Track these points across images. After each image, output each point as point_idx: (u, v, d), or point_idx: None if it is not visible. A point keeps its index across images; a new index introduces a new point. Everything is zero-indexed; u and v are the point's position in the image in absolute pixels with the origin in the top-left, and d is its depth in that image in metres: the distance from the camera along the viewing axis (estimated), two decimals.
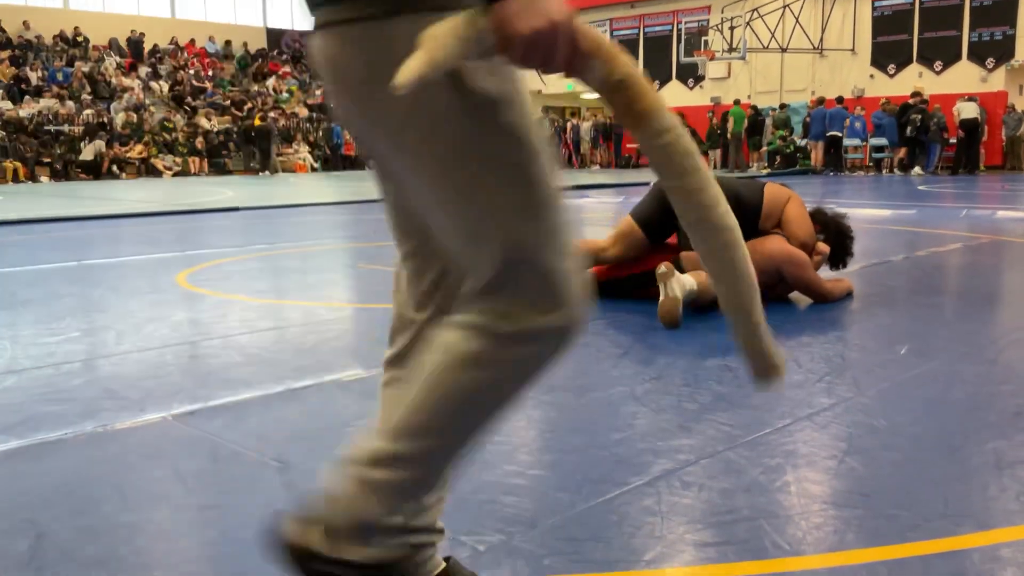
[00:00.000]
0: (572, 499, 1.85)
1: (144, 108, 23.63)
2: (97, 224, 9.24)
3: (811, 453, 2.12)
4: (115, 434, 2.33)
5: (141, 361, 3.12)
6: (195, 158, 23.09)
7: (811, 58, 22.21)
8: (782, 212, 4.04)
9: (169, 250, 6.68)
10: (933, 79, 20.25)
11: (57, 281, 5.07)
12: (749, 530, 1.70)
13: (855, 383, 2.72)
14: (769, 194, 4.05)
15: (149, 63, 26.97)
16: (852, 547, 1.63)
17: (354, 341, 3.49)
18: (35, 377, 2.90)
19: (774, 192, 4.08)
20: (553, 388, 2.72)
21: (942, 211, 9.29)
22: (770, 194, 4.06)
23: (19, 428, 2.37)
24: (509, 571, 1.55)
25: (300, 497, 1.20)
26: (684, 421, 2.37)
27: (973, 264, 5.27)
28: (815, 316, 3.81)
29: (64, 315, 4.00)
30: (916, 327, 3.59)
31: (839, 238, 4.23)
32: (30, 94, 22.60)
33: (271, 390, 2.71)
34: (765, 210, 4.01)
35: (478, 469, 2.03)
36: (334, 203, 12.13)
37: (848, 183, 15.39)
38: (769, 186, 4.14)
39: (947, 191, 12.60)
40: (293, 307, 4.17)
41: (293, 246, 6.91)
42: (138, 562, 1.61)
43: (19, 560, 1.62)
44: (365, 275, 5.33)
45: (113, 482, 1.99)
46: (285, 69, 30.33)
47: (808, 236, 4.03)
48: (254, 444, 2.22)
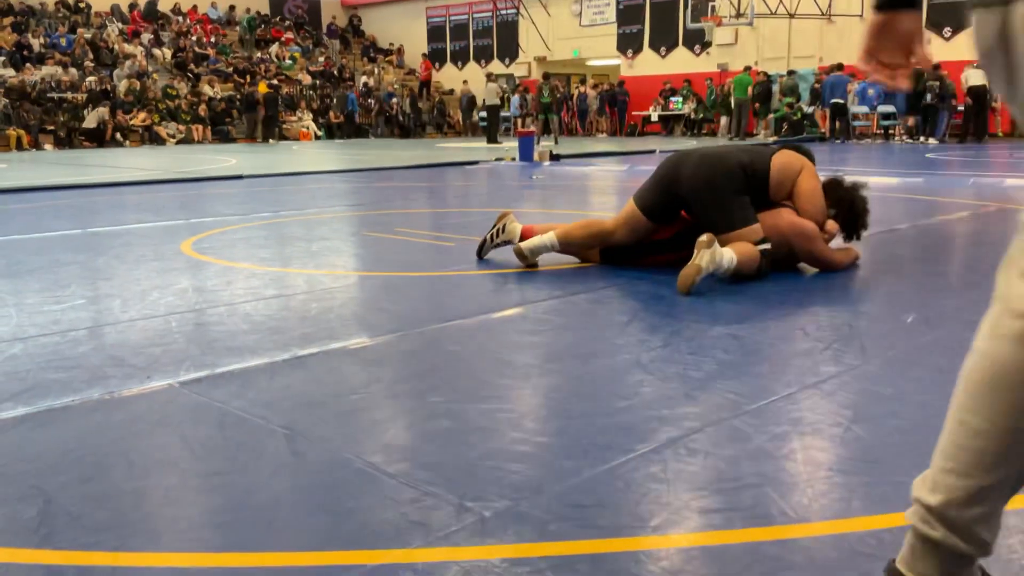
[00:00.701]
0: (578, 466, 1.86)
1: (147, 75, 23.51)
2: (101, 192, 9.23)
3: (817, 420, 2.12)
4: (122, 401, 2.34)
5: (147, 329, 3.12)
6: (198, 126, 23.01)
7: (819, 24, 21.98)
8: (793, 184, 3.94)
9: (174, 218, 6.67)
10: (942, 45, 20.04)
11: (62, 249, 5.07)
12: (755, 497, 1.70)
13: (862, 351, 2.71)
14: (778, 164, 3.93)
15: (151, 30, 26.78)
16: (858, 514, 1.63)
17: (359, 309, 3.49)
18: (41, 345, 2.91)
19: (784, 162, 3.95)
20: (559, 356, 2.72)
21: (949, 179, 9.23)
22: (779, 164, 3.93)
23: (26, 395, 2.37)
24: (515, 537, 1.55)
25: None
26: (690, 389, 2.37)
27: (980, 232, 5.24)
28: (822, 285, 3.79)
29: (69, 283, 4.00)
30: (923, 295, 3.58)
31: (852, 214, 4.10)
32: (32, 61, 22.48)
33: (277, 357, 2.72)
34: (774, 180, 3.90)
35: (484, 436, 2.04)
36: (338, 171, 12.09)
37: (855, 151, 15.29)
38: (779, 155, 3.99)
39: (954, 159, 12.52)
40: (298, 275, 4.16)
41: (297, 214, 6.90)
42: (146, 528, 1.62)
43: (28, 526, 1.63)
44: (370, 242, 5.32)
45: (120, 449, 2.00)
46: (288, 36, 30.12)
47: (818, 213, 3.95)
48: (260, 411, 2.23)
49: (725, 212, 3.79)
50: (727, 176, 3.83)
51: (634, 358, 2.67)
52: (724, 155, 3.94)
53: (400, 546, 1.53)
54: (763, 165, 3.92)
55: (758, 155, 4.00)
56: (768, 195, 3.93)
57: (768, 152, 4.05)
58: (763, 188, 3.91)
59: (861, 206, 4.12)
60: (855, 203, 4.11)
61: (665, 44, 25.45)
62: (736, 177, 3.83)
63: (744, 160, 3.90)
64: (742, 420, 2.12)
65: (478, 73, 28.49)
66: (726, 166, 3.85)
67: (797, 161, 4.00)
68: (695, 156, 3.95)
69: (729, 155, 3.93)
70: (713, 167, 3.85)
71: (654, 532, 1.57)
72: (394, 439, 2.06)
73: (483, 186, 9.74)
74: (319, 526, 1.61)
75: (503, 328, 3.10)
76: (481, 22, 29.99)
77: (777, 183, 3.93)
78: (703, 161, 3.90)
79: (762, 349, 2.77)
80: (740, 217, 3.79)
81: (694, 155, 3.96)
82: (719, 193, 3.81)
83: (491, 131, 20.05)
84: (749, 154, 3.99)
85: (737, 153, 3.97)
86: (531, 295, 3.60)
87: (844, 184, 4.17)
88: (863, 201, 4.13)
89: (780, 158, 3.98)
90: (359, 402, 2.31)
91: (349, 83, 28.11)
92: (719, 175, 3.83)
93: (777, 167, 3.93)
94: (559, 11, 27.53)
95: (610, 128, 25.48)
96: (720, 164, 3.86)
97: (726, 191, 3.81)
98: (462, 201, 8.22)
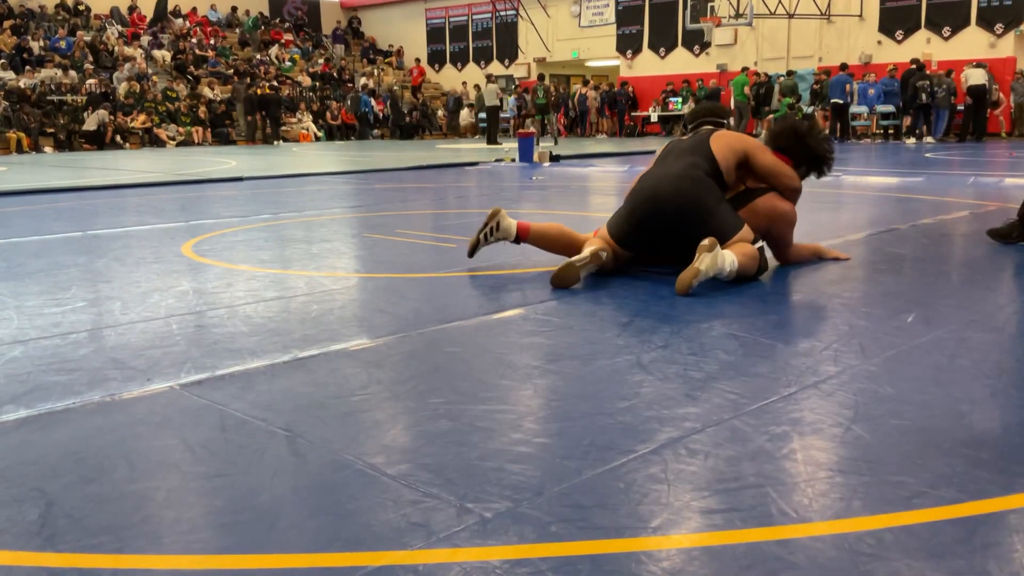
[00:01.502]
0: (578, 466, 1.86)
1: (147, 77, 23.52)
2: (101, 194, 9.23)
3: (817, 420, 2.12)
4: (122, 403, 2.34)
5: (147, 331, 3.13)
6: (198, 128, 23.01)
7: (818, 24, 22.00)
8: (747, 162, 3.98)
9: (174, 220, 6.67)
10: (941, 45, 20.07)
11: (62, 251, 5.07)
12: (755, 497, 1.70)
13: (862, 351, 2.72)
14: (720, 154, 3.91)
15: (151, 32, 26.79)
16: (858, 514, 1.63)
17: (360, 310, 3.50)
18: (42, 347, 2.91)
19: (723, 147, 3.93)
20: (559, 356, 2.72)
21: (949, 178, 9.23)
22: (720, 154, 3.91)
23: (27, 398, 2.38)
24: (516, 538, 1.55)
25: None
26: (690, 389, 2.37)
27: (980, 232, 5.24)
28: (822, 284, 3.80)
29: (70, 285, 4.00)
30: (923, 295, 3.58)
31: (819, 160, 4.16)
32: (32, 64, 22.48)
33: (278, 359, 2.72)
34: (724, 169, 3.91)
35: (484, 437, 2.04)
36: (338, 173, 12.09)
37: (855, 151, 15.29)
38: (714, 142, 3.95)
39: (954, 158, 12.52)
40: (299, 277, 4.17)
41: (298, 216, 6.90)
42: (147, 530, 1.63)
43: (29, 528, 1.63)
44: (371, 244, 5.32)
45: (121, 451, 2.00)
46: (287, 37, 30.13)
47: (793, 179, 4.07)
48: (261, 413, 2.23)
49: (718, 223, 3.78)
50: (706, 189, 3.83)
51: (634, 358, 2.67)
52: (689, 170, 3.89)
53: (401, 547, 1.53)
54: (711, 161, 3.92)
55: (702, 155, 3.94)
56: (724, 180, 3.95)
57: (702, 145, 3.99)
58: (722, 183, 3.95)
59: (825, 150, 4.18)
60: (819, 151, 4.16)
61: (664, 45, 25.46)
62: (711, 186, 3.85)
63: (704, 167, 3.89)
64: (742, 420, 2.12)
65: (478, 74, 28.51)
66: (699, 179, 3.85)
67: (736, 142, 4.00)
68: (666, 182, 3.89)
69: (693, 168, 3.89)
70: (693, 182, 3.84)
71: (655, 532, 1.58)
72: (395, 440, 2.06)
73: (483, 187, 9.74)
74: (320, 528, 1.61)
75: (503, 329, 3.10)
76: (480, 23, 30.00)
77: (726, 170, 3.94)
78: (679, 183, 3.85)
79: (762, 349, 2.77)
80: (731, 224, 3.80)
81: (664, 182, 3.90)
82: (705, 208, 3.79)
83: (491, 132, 20.06)
84: (697, 158, 3.94)
85: (692, 163, 3.92)
86: (531, 296, 3.60)
87: (801, 134, 4.16)
88: (825, 142, 4.20)
89: (717, 146, 3.96)
90: (360, 403, 2.32)
91: (349, 84, 28.12)
92: (701, 190, 3.82)
93: (720, 157, 3.93)
94: (558, 12, 27.54)
95: (610, 129, 25.50)
96: (696, 180, 3.85)
97: (710, 203, 3.81)
98: (462, 202, 8.22)
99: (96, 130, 20.70)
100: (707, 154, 3.94)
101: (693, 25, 22.74)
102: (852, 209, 6.43)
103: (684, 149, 4.05)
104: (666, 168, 3.99)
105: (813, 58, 22.09)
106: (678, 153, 4.06)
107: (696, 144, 4.04)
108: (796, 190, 4.11)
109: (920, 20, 20.56)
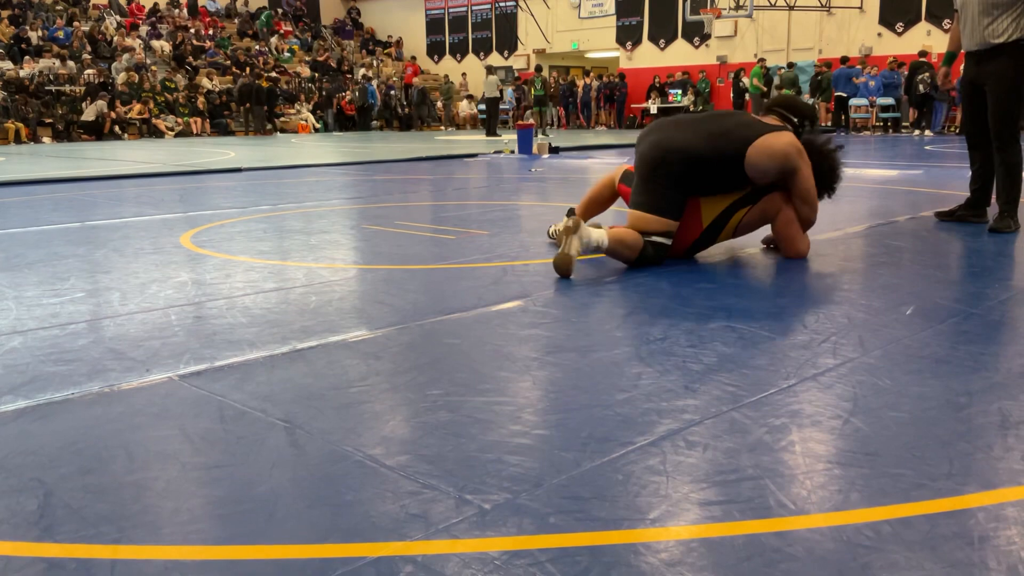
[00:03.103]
0: (577, 458, 1.86)
1: (145, 68, 23.46)
2: (100, 185, 9.22)
3: (816, 413, 2.12)
4: (121, 394, 2.34)
5: (146, 322, 3.12)
6: (197, 118, 22.97)
7: (819, 16, 21.95)
8: (785, 178, 3.98)
9: (172, 211, 6.67)
10: (941, 37, 20.01)
11: (61, 242, 5.07)
12: (754, 489, 1.70)
13: (860, 343, 2.72)
14: (755, 154, 3.88)
15: (149, 22, 26.72)
16: (857, 506, 1.63)
17: (359, 302, 3.49)
18: (41, 338, 2.91)
19: (766, 153, 3.88)
20: (558, 348, 2.72)
21: (948, 171, 9.22)
22: (757, 154, 3.88)
23: (26, 388, 2.37)
24: (515, 529, 1.56)
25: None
26: (689, 382, 2.37)
27: (978, 225, 5.24)
28: (820, 277, 3.80)
29: (68, 276, 4.00)
30: (922, 287, 3.58)
31: (825, 179, 4.19)
32: (30, 54, 22.42)
33: (276, 350, 2.72)
34: (750, 174, 3.92)
35: (483, 429, 2.04)
36: (337, 164, 12.08)
37: (855, 143, 15.27)
38: (758, 145, 3.89)
39: (953, 151, 12.51)
40: (297, 268, 4.16)
41: (296, 207, 6.89)
42: (146, 520, 1.63)
43: (28, 518, 1.63)
44: (370, 236, 5.32)
45: (120, 442, 2.00)
46: (286, 28, 30.05)
47: (815, 214, 4.13)
48: (260, 404, 2.23)
49: (655, 197, 3.95)
50: (685, 164, 3.95)
51: (633, 351, 2.67)
52: (693, 138, 3.97)
53: (400, 538, 1.53)
54: (726, 163, 3.95)
55: (723, 147, 3.96)
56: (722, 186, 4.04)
57: (748, 136, 3.97)
58: (715, 181, 4.03)
59: (835, 177, 4.23)
60: (830, 176, 4.21)
61: (664, 36, 25.41)
62: (688, 170, 3.96)
63: (706, 155, 3.94)
64: (741, 412, 2.12)
65: (477, 65, 28.46)
66: (691, 151, 3.94)
67: (785, 160, 3.95)
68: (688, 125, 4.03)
69: (698, 138, 3.97)
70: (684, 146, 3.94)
71: (653, 524, 1.58)
72: (393, 431, 2.06)
73: (482, 179, 9.73)
74: (319, 518, 1.62)
75: (502, 321, 3.10)
76: (480, 14, 29.93)
77: (754, 176, 3.98)
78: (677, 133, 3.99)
79: (761, 342, 2.77)
80: (657, 207, 3.93)
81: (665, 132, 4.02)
82: (669, 171, 3.93)
83: (490, 124, 20.03)
84: (713, 141, 3.96)
85: (701, 134, 3.98)
86: (530, 288, 3.60)
87: (823, 153, 4.18)
88: (838, 169, 4.24)
89: (756, 152, 3.94)
90: (358, 395, 2.32)
91: (348, 76, 28.05)
92: (682, 156, 3.92)
93: (753, 165, 3.93)
94: (558, 3, 27.47)
95: (608, 121, 25.46)
96: (687, 149, 3.93)
97: (671, 173, 3.94)
98: (461, 194, 8.21)
99: (94, 120, 20.67)
100: (732, 152, 3.89)
101: (693, 17, 22.69)
102: (851, 201, 6.42)
103: (710, 127, 4.00)
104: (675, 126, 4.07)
105: (813, 50, 22.04)
106: (698, 121, 4.06)
107: (728, 131, 3.96)
108: (810, 222, 4.14)
109: (920, 12, 20.52)
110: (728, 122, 4.01)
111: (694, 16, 22.61)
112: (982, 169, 5.22)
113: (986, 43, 4.89)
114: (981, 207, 5.30)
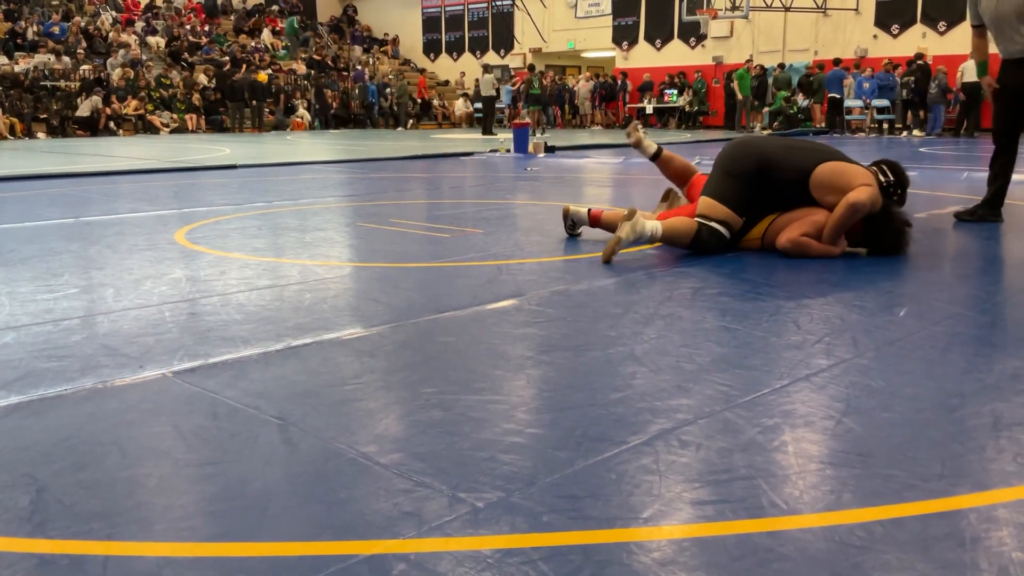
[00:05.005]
0: (571, 457, 1.86)
1: (141, 64, 23.39)
2: (94, 181, 9.19)
3: (809, 413, 2.13)
4: (115, 390, 2.33)
5: (140, 318, 3.12)
6: (192, 115, 22.90)
7: (815, 17, 21.97)
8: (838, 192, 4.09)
9: (167, 207, 6.65)
10: (937, 39, 20.06)
11: (55, 238, 5.05)
12: (746, 489, 1.71)
13: (854, 344, 2.72)
14: (818, 180, 4.11)
15: (144, 18, 26.65)
16: (849, 507, 1.64)
17: (353, 299, 3.49)
18: (34, 334, 2.90)
19: (830, 184, 4.09)
20: (552, 347, 2.72)
21: (942, 173, 9.24)
22: (818, 181, 4.11)
23: (19, 384, 2.37)
24: (508, 527, 1.56)
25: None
26: (682, 381, 2.37)
27: (972, 226, 5.25)
28: (814, 278, 3.80)
29: (62, 272, 3.99)
30: (915, 289, 3.59)
31: (883, 241, 4.21)
32: (25, 49, 22.34)
33: (271, 347, 2.72)
34: (815, 195, 4.14)
35: (477, 427, 2.04)
36: (332, 161, 12.06)
37: (850, 144, 15.30)
38: (836, 167, 4.13)
39: (948, 153, 12.54)
40: (292, 265, 4.16)
41: (292, 204, 6.88)
42: (138, 517, 1.62)
43: (20, 514, 1.63)
44: (364, 233, 5.31)
45: (113, 438, 2.00)
46: (281, 24, 29.97)
47: (847, 220, 4.13)
48: (253, 401, 2.23)
49: (719, 186, 4.25)
50: (753, 169, 4.24)
51: (627, 350, 2.67)
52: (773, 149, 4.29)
53: (393, 536, 1.53)
54: (790, 182, 4.22)
55: (803, 157, 4.25)
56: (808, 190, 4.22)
57: (813, 161, 4.22)
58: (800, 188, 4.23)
59: (899, 243, 4.21)
60: (894, 242, 4.20)
61: (660, 37, 25.42)
62: (753, 178, 4.25)
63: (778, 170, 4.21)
64: (734, 412, 2.13)
65: (473, 64, 28.45)
66: (765, 159, 4.23)
67: (847, 188, 4.08)
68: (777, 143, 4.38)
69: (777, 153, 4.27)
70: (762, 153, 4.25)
71: (646, 523, 1.58)
72: (387, 429, 2.06)
73: (477, 177, 9.73)
74: (312, 516, 1.61)
75: (497, 319, 3.10)
76: (476, 13, 29.91)
77: (818, 196, 4.19)
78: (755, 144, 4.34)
79: (755, 342, 2.78)
80: (718, 194, 4.19)
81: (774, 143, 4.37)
82: (738, 167, 4.25)
83: (487, 122, 20.01)
84: (784, 165, 4.23)
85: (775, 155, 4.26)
86: (525, 287, 3.60)
87: (891, 213, 4.19)
88: (903, 237, 4.20)
89: (822, 176, 4.17)
90: (352, 392, 2.32)
91: (344, 73, 27.99)
92: (752, 165, 4.22)
93: (815, 187, 4.18)
94: (554, 2, 27.46)
95: (604, 120, 25.46)
96: (765, 156, 4.23)
97: (740, 169, 4.23)
98: (457, 192, 8.21)
99: (89, 116, 20.60)
100: (803, 162, 4.17)
101: (689, 17, 22.71)
102: None
103: (799, 143, 4.40)
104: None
105: (809, 51, 22.07)
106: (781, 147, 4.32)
107: (813, 149, 4.29)
108: (827, 248, 4.17)
109: (916, 14, 20.55)
110: (819, 146, 4.33)
111: (690, 16, 22.63)
112: (1003, 169, 5.43)
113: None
114: (999, 206, 5.39)
